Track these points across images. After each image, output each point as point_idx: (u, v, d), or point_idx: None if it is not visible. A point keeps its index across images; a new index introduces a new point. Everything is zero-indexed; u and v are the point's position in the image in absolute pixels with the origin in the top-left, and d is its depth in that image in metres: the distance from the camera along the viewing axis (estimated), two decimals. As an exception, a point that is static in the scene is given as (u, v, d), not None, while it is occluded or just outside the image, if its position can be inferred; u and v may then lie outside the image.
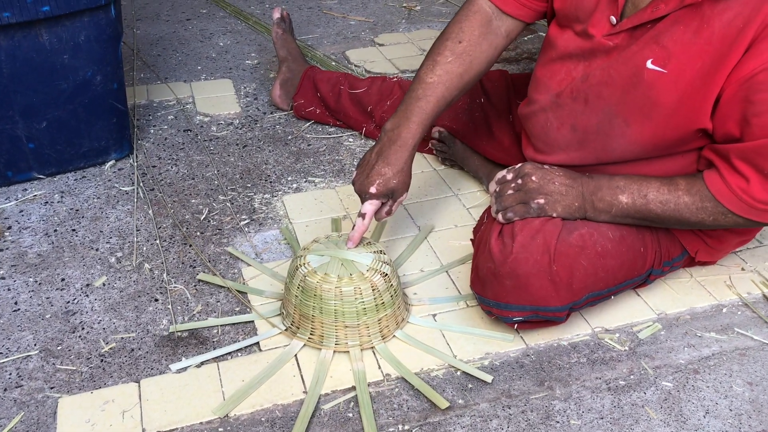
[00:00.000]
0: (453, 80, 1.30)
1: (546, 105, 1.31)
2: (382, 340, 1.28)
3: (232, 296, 1.38)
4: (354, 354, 1.25)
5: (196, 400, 1.17)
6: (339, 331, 1.25)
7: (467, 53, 1.31)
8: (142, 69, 2.25)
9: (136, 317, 1.34)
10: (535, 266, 1.18)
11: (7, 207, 1.63)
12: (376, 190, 1.28)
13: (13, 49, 1.53)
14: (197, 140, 1.90)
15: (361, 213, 1.30)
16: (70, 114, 1.66)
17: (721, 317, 1.35)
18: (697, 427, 1.14)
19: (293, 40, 2.09)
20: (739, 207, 1.14)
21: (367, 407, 1.15)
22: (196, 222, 1.59)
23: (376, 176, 1.28)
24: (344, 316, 1.23)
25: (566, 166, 1.33)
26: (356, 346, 1.26)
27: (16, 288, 1.40)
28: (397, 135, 1.29)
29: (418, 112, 1.29)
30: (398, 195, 1.32)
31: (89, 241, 1.53)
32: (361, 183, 1.30)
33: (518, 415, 1.16)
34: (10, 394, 1.18)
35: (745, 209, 1.14)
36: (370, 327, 1.25)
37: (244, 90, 2.15)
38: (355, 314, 1.24)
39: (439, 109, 1.31)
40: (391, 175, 1.28)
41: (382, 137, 1.31)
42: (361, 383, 1.19)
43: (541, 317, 1.23)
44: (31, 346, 1.27)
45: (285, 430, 1.12)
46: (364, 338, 1.26)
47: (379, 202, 1.30)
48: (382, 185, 1.28)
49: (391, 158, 1.28)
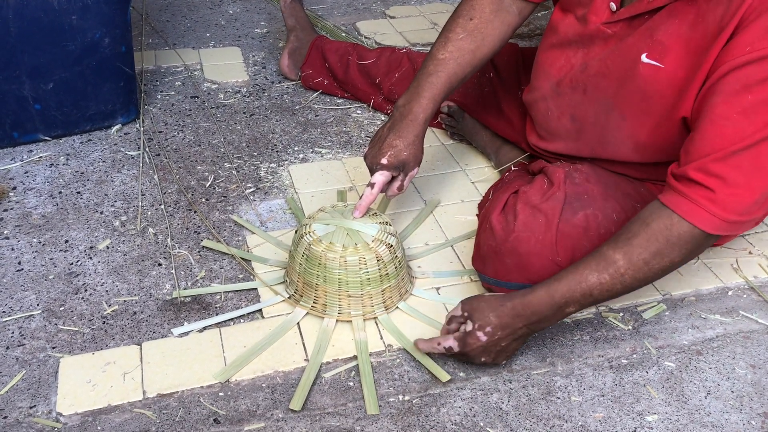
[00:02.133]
0: (465, 56, 1.30)
1: (547, 93, 1.30)
2: (385, 311, 1.27)
3: (236, 263, 1.38)
4: (356, 324, 1.24)
5: (197, 365, 1.17)
6: (342, 300, 1.24)
7: (479, 30, 1.30)
8: (151, 34, 2.23)
9: (139, 281, 1.34)
10: (536, 245, 1.17)
11: (13, 168, 1.63)
12: (387, 161, 1.28)
13: (21, 8, 1.51)
14: (204, 107, 1.88)
15: (370, 183, 1.29)
16: (77, 76, 1.65)
17: (727, 300, 1.34)
18: (698, 407, 1.14)
19: (302, 9, 2.06)
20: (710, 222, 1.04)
21: (368, 376, 1.15)
22: (202, 188, 1.58)
23: (388, 148, 1.28)
24: (348, 285, 1.23)
25: (564, 155, 1.34)
26: (359, 316, 1.25)
27: (19, 248, 1.40)
28: (408, 110, 1.29)
29: (429, 88, 1.29)
30: (409, 169, 1.31)
31: (94, 204, 1.52)
32: (373, 155, 1.30)
33: (519, 389, 1.16)
34: (12, 353, 1.18)
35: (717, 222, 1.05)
36: (373, 297, 1.25)
37: (253, 58, 2.13)
38: (359, 284, 1.23)
39: (451, 84, 1.30)
40: (402, 147, 1.28)
41: (394, 113, 1.31)
42: (362, 353, 1.19)
43: None
44: (34, 306, 1.27)
45: (285, 396, 1.12)
46: (367, 308, 1.25)
47: (389, 173, 1.29)
48: (393, 156, 1.28)
49: (403, 131, 1.28)
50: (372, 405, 1.11)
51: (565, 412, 1.12)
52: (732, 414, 1.13)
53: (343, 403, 1.12)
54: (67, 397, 1.11)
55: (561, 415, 1.12)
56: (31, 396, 1.12)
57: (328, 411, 1.11)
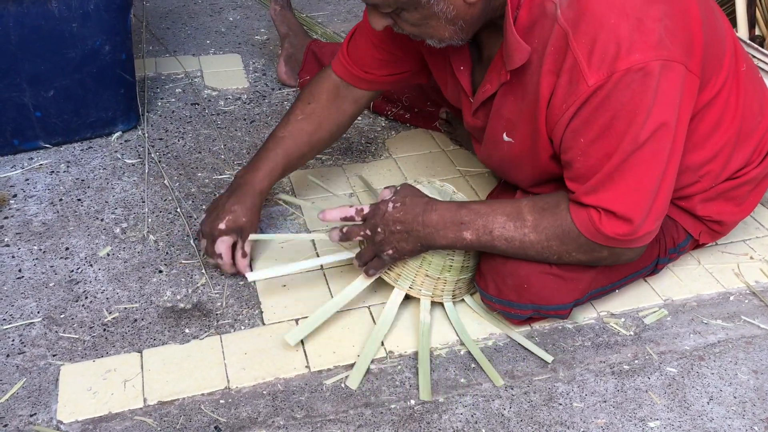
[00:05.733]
0: (302, 137, 1.41)
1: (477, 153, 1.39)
2: (452, 299, 1.29)
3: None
4: (424, 304, 1.26)
5: (198, 372, 1.17)
6: (418, 277, 1.25)
7: (316, 114, 1.41)
8: (151, 41, 2.23)
9: (140, 288, 1.33)
10: (536, 266, 1.18)
11: (13, 175, 1.63)
12: (225, 225, 1.32)
13: (22, 15, 1.51)
14: (204, 114, 1.88)
15: (217, 254, 1.32)
16: (77, 83, 1.65)
17: (728, 305, 1.34)
18: (700, 413, 1.13)
19: (293, 15, 2.06)
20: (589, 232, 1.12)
21: (425, 363, 1.18)
22: (202, 195, 1.58)
23: (227, 213, 1.33)
24: (430, 265, 1.24)
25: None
26: (427, 297, 1.26)
27: (20, 255, 1.40)
28: (245, 181, 1.37)
29: (267, 162, 1.38)
30: (246, 234, 1.34)
31: (94, 212, 1.52)
32: (211, 221, 1.34)
33: (521, 396, 1.15)
34: (13, 360, 1.18)
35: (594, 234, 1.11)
36: (447, 284, 1.26)
37: (253, 65, 2.13)
38: (440, 268, 1.24)
39: (289, 160, 1.41)
40: (241, 213, 1.34)
41: (233, 183, 1.39)
42: (424, 336, 1.22)
43: (543, 315, 1.23)
44: (34, 314, 1.27)
45: (286, 404, 1.12)
46: (437, 292, 1.27)
47: (230, 239, 1.32)
48: (232, 221, 1.33)
49: (241, 198, 1.35)
50: (425, 391, 1.13)
51: (567, 418, 1.12)
52: (735, 420, 1.13)
53: (344, 410, 1.12)
54: (67, 405, 1.11)
55: (563, 422, 1.11)
56: (32, 404, 1.11)
57: (329, 418, 1.11)
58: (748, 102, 1.24)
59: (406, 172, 1.68)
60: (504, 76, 1.14)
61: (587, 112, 1.05)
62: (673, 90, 1.05)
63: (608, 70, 1.02)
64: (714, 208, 1.30)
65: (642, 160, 1.06)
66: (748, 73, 1.25)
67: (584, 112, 1.05)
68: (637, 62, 1.01)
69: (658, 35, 1.03)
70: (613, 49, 1.01)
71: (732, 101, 1.21)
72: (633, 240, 1.11)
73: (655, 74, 1.02)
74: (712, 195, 1.28)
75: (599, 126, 1.05)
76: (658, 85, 1.03)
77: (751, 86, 1.26)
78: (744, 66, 1.24)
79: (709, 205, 1.30)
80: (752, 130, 1.27)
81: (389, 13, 1.10)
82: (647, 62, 1.02)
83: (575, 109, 1.06)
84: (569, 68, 1.05)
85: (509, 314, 1.24)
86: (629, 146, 1.05)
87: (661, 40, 1.03)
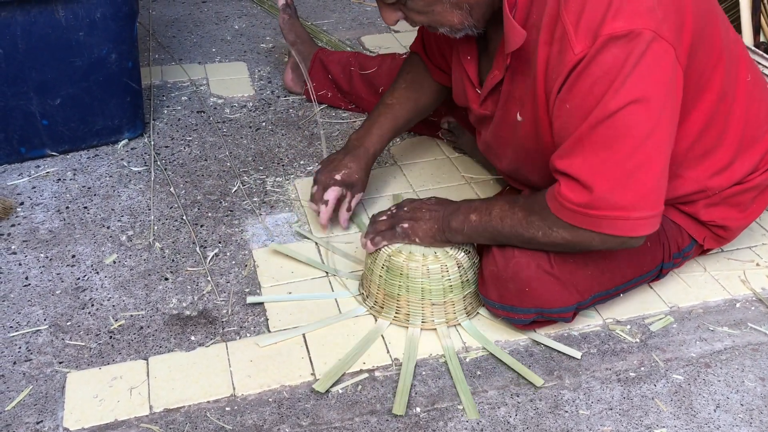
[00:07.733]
0: (408, 103, 1.53)
1: (483, 149, 1.41)
2: (467, 316, 1.29)
3: (242, 277, 1.38)
4: (441, 331, 1.26)
5: (204, 379, 1.17)
6: (425, 309, 1.26)
7: (417, 81, 1.53)
8: (157, 50, 2.25)
9: (146, 296, 1.34)
10: (537, 270, 1.18)
11: (20, 183, 1.63)
12: (340, 177, 1.44)
13: (29, 24, 1.53)
14: (210, 122, 1.89)
15: (324, 200, 1.43)
16: (84, 91, 1.66)
17: (735, 312, 1.34)
18: (707, 420, 1.13)
19: (300, 24, 2.08)
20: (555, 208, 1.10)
21: (462, 383, 1.17)
22: (208, 203, 1.59)
23: (342, 167, 1.45)
24: (431, 294, 1.24)
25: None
26: (443, 324, 1.27)
27: (27, 263, 1.40)
28: (360, 143, 1.49)
29: (378, 127, 1.50)
30: (356, 191, 1.47)
31: (101, 219, 1.53)
32: (328, 171, 1.45)
33: (526, 403, 1.15)
34: (20, 368, 1.19)
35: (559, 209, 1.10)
36: (455, 304, 1.27)
37: (258, 73, 2.14)
38: (442, 292, 1.25)
39: (397, 124, 1.52)
40: (355, 170, 1.46)
41: (348, 144, 1.50)
42: (452, 359, 1.22)
43: (546, 318, 1.23)
44: (41, 321, 1.28)
45: (292, 411, 1.12)
46: (449, 315, 1.27)
47: (341, 189, 1.44)
48: (347, 175, 1.45)
49: (356, 158, 1.47)
50: (471, 409, 1.13)
51: (573, 426, 1.12)
52: (742, 427, 1.12)
53: (350, 418, 1.12)
54: (74, 413, 1.11)
55: (569, 429, 1.11)
56: (38, 411, 1.12)
57: (334, 425, 1.11)
58: (753, 110, 1.24)
59: (411, 180, 1.69)
60: (507, 58, 1.15)
61: (572, 79, 1.05)
62: (659, 68, 1.03)
63: (593, 37, 1.02)
64: (718, 214, 1.30)
65: (615, 130, 1.03)
66: (754, 83, 1.25)
67: (570, 79, 1.05)
68: (621, 28, 1.01)
69: (648, 5, 1.02)
70: (599, 16, 1.01)
71: (736, 109, 1.21)
72: (596, 218, 1.06)
73: (640, 43, 1.01)
74: (717, 200, 1.28)
75: (581, 92, 1.04)
76: (642, 54, 1.01)
77: (757, 94, 1.25)
78: (749, 77, 1.23)
79: (713, 211, 1.30)
80: (758, 138, 1.27)
81: (395, 4, 1.12)
82: (632, 29, 1.00)
83: (563, 78, 1.06)
84: (559, 38, 1.05)
85: (513, 319, 1.24)
86: (601, 112, 1.03)
87: (653, 9, 1.02)
